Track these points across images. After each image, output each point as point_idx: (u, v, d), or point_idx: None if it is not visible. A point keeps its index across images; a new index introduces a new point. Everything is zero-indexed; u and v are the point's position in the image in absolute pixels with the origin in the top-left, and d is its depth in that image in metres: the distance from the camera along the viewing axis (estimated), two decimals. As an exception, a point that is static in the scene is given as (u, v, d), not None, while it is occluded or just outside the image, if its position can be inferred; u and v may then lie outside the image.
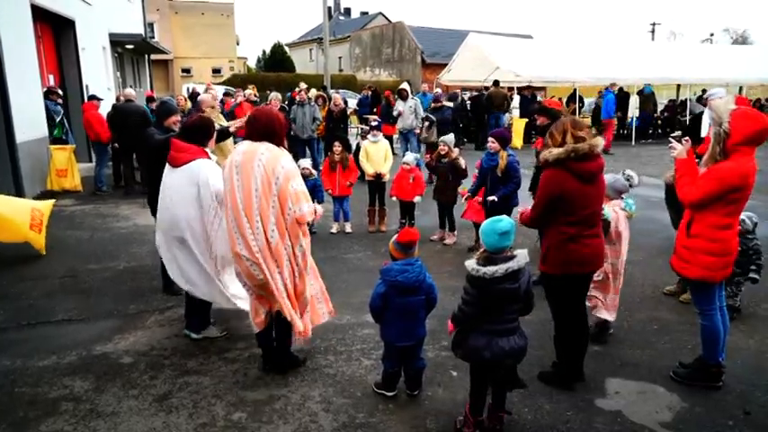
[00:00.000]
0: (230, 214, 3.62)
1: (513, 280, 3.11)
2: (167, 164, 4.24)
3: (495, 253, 3.13)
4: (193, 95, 19.43)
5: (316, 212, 3.74)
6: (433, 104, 11.10)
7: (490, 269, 3.06)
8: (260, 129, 3.65)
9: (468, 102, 17.69)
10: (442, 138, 7.35)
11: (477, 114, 16.67)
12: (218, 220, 4.11)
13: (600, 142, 3.60)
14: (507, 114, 16.93)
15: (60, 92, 10.99)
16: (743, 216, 4.88)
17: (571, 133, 3.51)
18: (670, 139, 4.43)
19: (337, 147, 7.56)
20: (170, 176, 4.23)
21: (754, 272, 4.92)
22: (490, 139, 6.37)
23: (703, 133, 7.26)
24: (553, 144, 3.56)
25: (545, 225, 3.79)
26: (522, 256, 3.13)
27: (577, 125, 3.58)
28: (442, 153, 7.01)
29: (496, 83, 16.55)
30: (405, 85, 10.47)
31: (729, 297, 4.94)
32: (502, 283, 3.07)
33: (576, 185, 3.51)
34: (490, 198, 6.15)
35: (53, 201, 7.34)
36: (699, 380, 3.86)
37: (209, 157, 4.29)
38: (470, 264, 3.14)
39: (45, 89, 10.64)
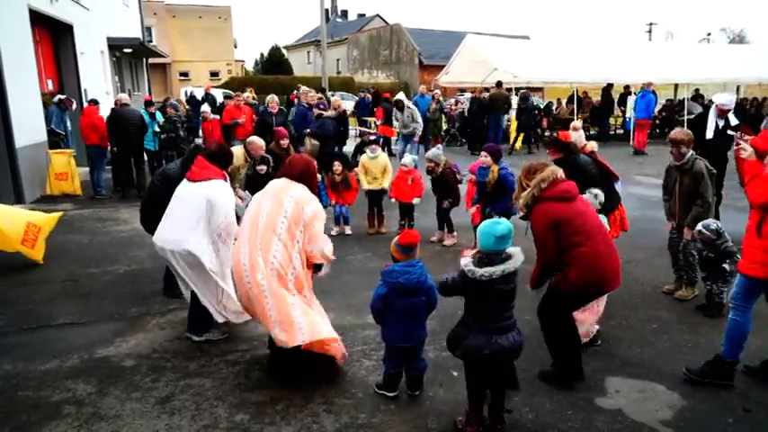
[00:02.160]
0: (245, 236, 3.72)
1: (509, 281, 3.15)
2: (185, 179, 4.37)
3: (490, 254, 3.16)
4: (192, 99, 19.46)
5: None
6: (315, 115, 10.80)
7: (487, 271, 3.08)
8: (295, 173, 3.87)
9: (467, 103, 17.76)
10: (427, 155, 7.32)
11: (477, 115, 16.67)
12: (221, 241, 4.28)
13: (558, 170, 3.75)
14: (506, 116, 16.91)
15: (73, 100, 11.03)
16: (699, 227, 4.90)
17: (529, 176, 3.74)
18: (738, 141, 4.39)
19: (337, 167, 7.46)
20: (184, 189, 4.34)
21: (730, 274, 4.90)
22: (483, 153, 6.35)
23: (709, 134, 7.25)
24: (520, 193, 3.78)
25: (557, 261, 3.70)
26: (517, 257, 3.17)
27: (530, 169, 3.79)
28: (430, 169, 7.03)
29: (499, 83, 16.50)
30: (401, 96, 10.23)
31: (715, 294, 4.99)
32: (497, 284, 3.11)
33: (564, 207, 3.61)
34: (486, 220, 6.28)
35: (59, 215, 7.04)
36: (711, 377, 3.86)
37: (226, 180, 4.43)
38: (466, 263, 3.15)
39: (57, 98, 10.66)
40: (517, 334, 3.26)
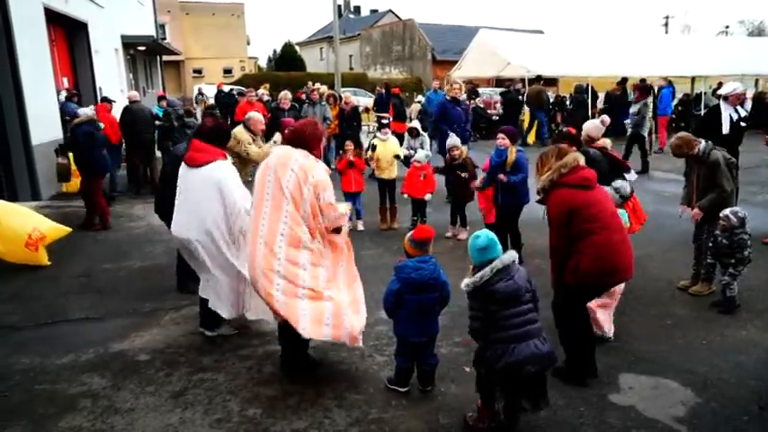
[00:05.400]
0: (254, 214, 3.71)
1: (506, 277, 3.14)
2: (183, 163, 4.30)
3: (482, 267, 3.19)
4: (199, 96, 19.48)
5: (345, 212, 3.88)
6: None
7: (478, 275, 3.14)
8: (300, 136, 3.76)
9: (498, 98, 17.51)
10: (449, 142, 7.35)
11: (509, 111, 16.27)
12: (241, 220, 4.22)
13: (581, 157, 3.73)
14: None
15: (77, 92, 11.16)
16: (727, 212, 4.89)
17: (554, 157, 3.72)
18: None
19: (349, 145, 7.63)
20: (188, 176, 4.26)
21: (732, 266, 4.93)
22: (500, 135, 6.32)
23: (725, 129, 7.09)
24: (541, 174, 3.76)
25: (568, 248, 3.67)
26: (507, 256, 3.20)
27: (560, 152, 3.77)
28: (455, 155, 7.06)
29: (539, 78, 16.15)
30: (415, 124, 9.86)
31: (725, 285, 4.94)
32: (496, 282, 3.11)
33: (581, 195, 3.59)
34: (501, 176, 6.14)
35: (68, 230, 6.71)
36: None
37: (227, 159, 4.37)
38: (464, 282, 3.21)
39: (65, 92, 10.77)
40: (541, 342, 3.13)
